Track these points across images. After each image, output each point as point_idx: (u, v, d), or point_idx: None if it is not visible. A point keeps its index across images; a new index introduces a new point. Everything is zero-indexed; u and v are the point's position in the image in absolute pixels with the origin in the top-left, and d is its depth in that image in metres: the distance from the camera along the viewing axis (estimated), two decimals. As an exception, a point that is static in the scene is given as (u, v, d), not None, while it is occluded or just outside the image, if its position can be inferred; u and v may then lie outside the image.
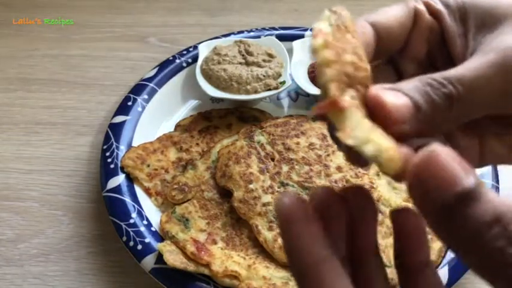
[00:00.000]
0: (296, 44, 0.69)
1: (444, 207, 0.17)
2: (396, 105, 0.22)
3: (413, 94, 0.22)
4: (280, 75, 0.65)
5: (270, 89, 0.63)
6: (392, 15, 0.28)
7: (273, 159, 0.56)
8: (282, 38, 0.70)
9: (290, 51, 0.67)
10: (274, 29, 0.74)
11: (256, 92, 0.63)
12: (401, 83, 0.23)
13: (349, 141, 0.18)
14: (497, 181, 0.55)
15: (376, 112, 0.21)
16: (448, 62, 0.28)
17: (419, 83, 0.23)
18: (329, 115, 0.19)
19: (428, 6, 0.29)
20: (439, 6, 0.29)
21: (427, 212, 0.18)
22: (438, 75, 0.24)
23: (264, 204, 0.52)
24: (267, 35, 0.72)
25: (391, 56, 0.30)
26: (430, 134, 0.24)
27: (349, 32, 0.22)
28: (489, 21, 0.26)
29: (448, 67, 0.26)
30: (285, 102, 0.68)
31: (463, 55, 0.27)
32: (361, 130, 0.18)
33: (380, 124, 0.21)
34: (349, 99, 0.19)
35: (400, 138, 0.21)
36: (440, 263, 0.48)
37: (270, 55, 0.66)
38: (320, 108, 0.19)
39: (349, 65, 0.20)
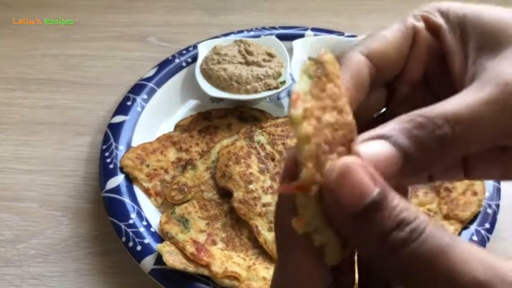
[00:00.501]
0: (296, 43, 0.68)
1: (354, 217, 0.19)
2: (379, 160, 0.21)
3: (401, 142, 0.21)
4: (280, 74, 0.65)
5: (270, 89, 0.63)
6: (389, 42, 0.27)
7: (273, 160, 0.56)
8: (282, 37, 0.70)
9: (290, 51, 0.67)
10: (274, 28, 0.74)
11: (256, 91, 0.63)
12: (385, 127, 0.22)
13: (300, 230, 0.20)
14: (499, 181, 0.55)
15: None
16: (445, 81, 0.27)
17: (408, 124, 0.22)
18: (296, 194, 0.20)
19: (427, 21, 0.27)
20: (439, 20, 0.27)
21: (339, 220, 0.20)
22: (431, 113, 0.22)
23: (264, 205, 0.52)
24: (267, 35, 0.71)
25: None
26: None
27: (330, 81, 0.21)
28: (490, 43, 0.25)
29: (443, 86, 0.25)
30: (285, 102, 0.68)
31: (462, 76, 0.26)
32: (314, 223, 0.20)
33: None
34: (315, 189, 0.20)
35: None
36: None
37: (270, 55, 0.66)
38: (286, 188, 0.20)
39: (330, 128, 0.20)
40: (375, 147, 0.21)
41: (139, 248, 0.49)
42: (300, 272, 0.21)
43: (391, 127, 0.22)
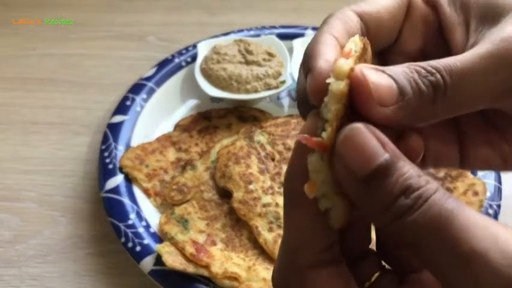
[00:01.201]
0: (296, 42, 0.68)
1: (361, 180, 0.19)
2: (379, 85, 0.21)
3: (398, 78, 0.22)
4: (280, 74, 0.64)
5: (270, 89, 0.63)
6: (382, 4, 0.26)
7: (273, 160, 0.56)
8: (282, 36, 0.70)
9: (290, 50, 0.67)
10: (274, 27, 0.73)
11: (256, 91, 0.62)
12: (388, 67, 0.22)
13: (311, 195, 0.20)
14: (500, 181, 0.54)
15: (358, 91, 0.21)
16: (443, 55, 0.26)
17: (407, 68, 0.22)
18: (310, 149, 0.20)
19: None
20: None
21: (346, 184, 0.20)
22: (427, 63, 0.22)
23: (264, 205, 0.51)
24: (267, 34, 0.71)
25: (380, 50, 0.28)
26: (411, 126, 0.23)
27: (366, 59, 0.22)
28: (491, 13, 0.25)
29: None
30: (285, 101, 0.68)
31: (462, 48, 0.26)
32: (323, 188, 0.21)
33: (362, 107, 0.21)
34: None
35: (379, 125, 0.21)
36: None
37: (270, 54, 0.66)
38: (307, 140, 0.20)
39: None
40: (377, 75, 0.21)
41: (138, 248, 0.48)
42: (302, 226, 0.22)
43: (392, 68, 0.22)
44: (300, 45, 0.68)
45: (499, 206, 0.53)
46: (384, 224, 0.20)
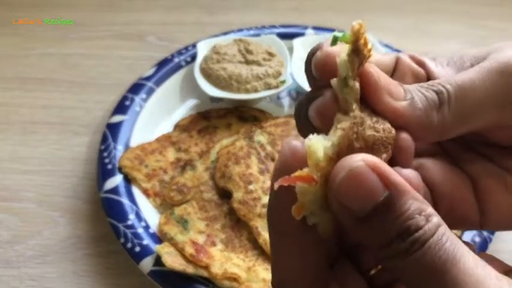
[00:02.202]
0: (297, 42, 0.68)
1: (358, 218, 0.19)
2: (387, 79, 0.22)
3: (406, 87, 0.23)
4: (280, 74, 0.64)
5: (270, 88, 0.63)
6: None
7: (273, 160, 0.56)
8: (282, 36, 0.70)
9: (290, 50, 0.66)
10: (274, 27, 0.73)
11: (256, 91, 0.62)
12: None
13: (298, 217, 0.20)
14: None
15: (367, 82, 0.22)
16: None
17: (411, 86, 0.24)
18: (297, 184, 0.20)
19: (411, 56, 0.27)
20: (424, 57, 0.27)
21: (344, 219, 0.20)
22: (427, 82, 0.24)
23: (264, 206, 0.51)
24: (267, 34, 0.71)
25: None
26: (428, 140, 0.24)
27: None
28: (480, 60, 0.25)
29: None
30: (286, 101, 0.68)
31: None
32: (311, 207, 0.20)
33: (373, 98, 0.22)
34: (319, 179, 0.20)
35: (397, 128, 0.22)
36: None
37: (270, 54, 0.65)
38: (289, 180, 0.20)
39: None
40: (383, 74, 0.23)
41: (138, 249, 0.48)
42: (290, 262, 0.22)
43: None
44: (300, 45, 0.68)
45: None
46: (380, 260, 0.20)
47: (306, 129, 0.23)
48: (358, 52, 0.21)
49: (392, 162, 0.22)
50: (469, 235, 0.50)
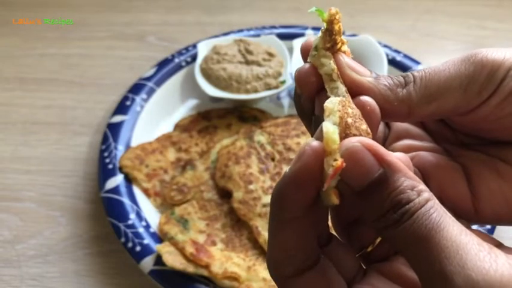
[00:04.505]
0: (296, 42, 0.68)
1: (358, 193, 0.22)
2: (352, 62, 0.25)
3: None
4: (280, 74, 0.64)
5: (270, 88, 0.63)
6: None
7: (273, 160, 0.56)
8: (282, 36, 0.70)
9: (290, 50, 0.67)
10: (274, 27, 0.73)
11: (256, 91, 0.62)
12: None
13: (337, 202, 0.22)
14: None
15: (339, 63, 0.25)
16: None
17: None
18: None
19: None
20: None
21: (347, 193, 0.22)
22: None
23: (264, 205, 0.51)
24: (267, 34, 0.71)
25: None
26: (396, 119, 0.27)
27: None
28: None
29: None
30: (285, 101, 0.68)
31: None
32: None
33: (343, 76, 0.25)
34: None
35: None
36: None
37: (270, 54, 0.66)
38: (331, 180, 0.22)
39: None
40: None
41: (138, 248, 0.48)
42: (287, 245, 0.23)
43: None
44: (300, 45, 0.68)
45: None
46: (376, 230, 0.22)
47: (300, 113, 0.27)
48: (331, 33, 0.25)
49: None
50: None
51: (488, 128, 0.27)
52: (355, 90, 0.25)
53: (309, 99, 0.26)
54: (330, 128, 0.22)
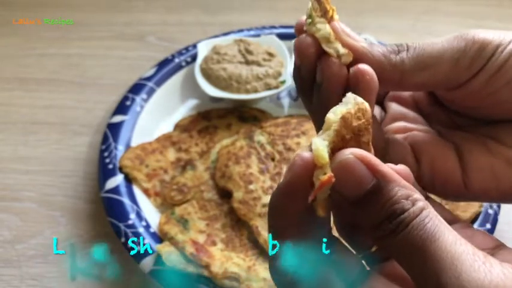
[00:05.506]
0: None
1: (353, 203, 0.22)
2: (347, 29, 0.27)
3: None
4: (280, 74, 0.64)
5: (270, 89, 0.63)
6: None
7: (273, 160, 0.56)
8: (282, 36, 0.70)
9: (290, 50, 0.66)
10: (274, 27, 0.73)
11: (256, 91, 0.62)
12: None
13: (324, 214, 0.23)
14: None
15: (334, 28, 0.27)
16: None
17: None
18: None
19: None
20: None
21: (343, 204, 0.23)
22: None
23: (264, 205, 0.51)
24: (267, 34, 0.71)
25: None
26: (388, 84, 0.27)
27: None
28: None
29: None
30: (286, 101, 0.68)
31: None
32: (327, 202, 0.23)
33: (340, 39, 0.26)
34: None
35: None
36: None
37: (270, 54, 0.66)
38: (315, 192, 0.22)
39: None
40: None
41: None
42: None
43: None
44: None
45: (499, 206, 0.53)
46: (373, 239, 0.23)
47: (300, 88, 0.28)
48: (319, 2, 0.27)
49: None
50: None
51: (477, 105, 0.28)
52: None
53: (309, 70, 0.26)
54: (318, 144, 0.22)
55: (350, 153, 0.21)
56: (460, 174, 0.28)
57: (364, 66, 0.25)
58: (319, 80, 0.26)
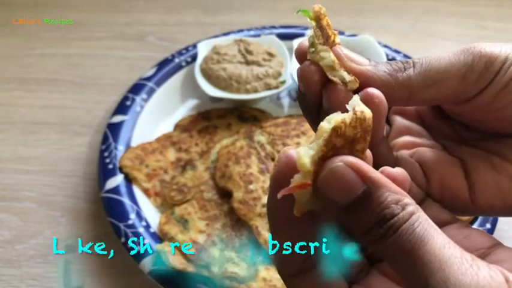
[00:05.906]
0: (296, 42, 0.68)
1: (343, 209, 0.22)
2: (351, 53, 0.27)
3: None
4: (280, 74, 0.64)
5: (270, 89, 0.63)
6: None
7: (273, 160, 0.56)
8: (282, 36, 0.70)
9: (290, 50, 0.66)
10: (274, 27, 0.73)
11: (256, 91, 0.62)
12: None
13: (298, 215, 0.23)
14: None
15: (336, 53, 0.26)
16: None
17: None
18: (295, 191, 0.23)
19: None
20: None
21: (333, 210, 0.23)
22: None
23: (264, 205, 0.51)
24: (267, 34, 0.71)
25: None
26: (396, 102, 0.27)
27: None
28: None
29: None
30: (285, 101, 0.68)
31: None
32: (309, 204, 0.23)
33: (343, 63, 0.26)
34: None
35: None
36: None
37: (270, 54, 0.66)
38: (289, 191, 0.22)
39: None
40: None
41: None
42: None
43: None
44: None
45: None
46: (365, 244, 0.23)
47: (305, 111, 0.28)
48: (321, 29, 0.26)
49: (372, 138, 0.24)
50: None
51: (484, 119, 0.28)
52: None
53: (314, 96, 0.26)
54: (302, 154, 0.22)
55: (340, 160, 0.22)
56: (467, 191, 0.28)
57: (372, 90, 0.25)
58: (326, 107, 0.26)
